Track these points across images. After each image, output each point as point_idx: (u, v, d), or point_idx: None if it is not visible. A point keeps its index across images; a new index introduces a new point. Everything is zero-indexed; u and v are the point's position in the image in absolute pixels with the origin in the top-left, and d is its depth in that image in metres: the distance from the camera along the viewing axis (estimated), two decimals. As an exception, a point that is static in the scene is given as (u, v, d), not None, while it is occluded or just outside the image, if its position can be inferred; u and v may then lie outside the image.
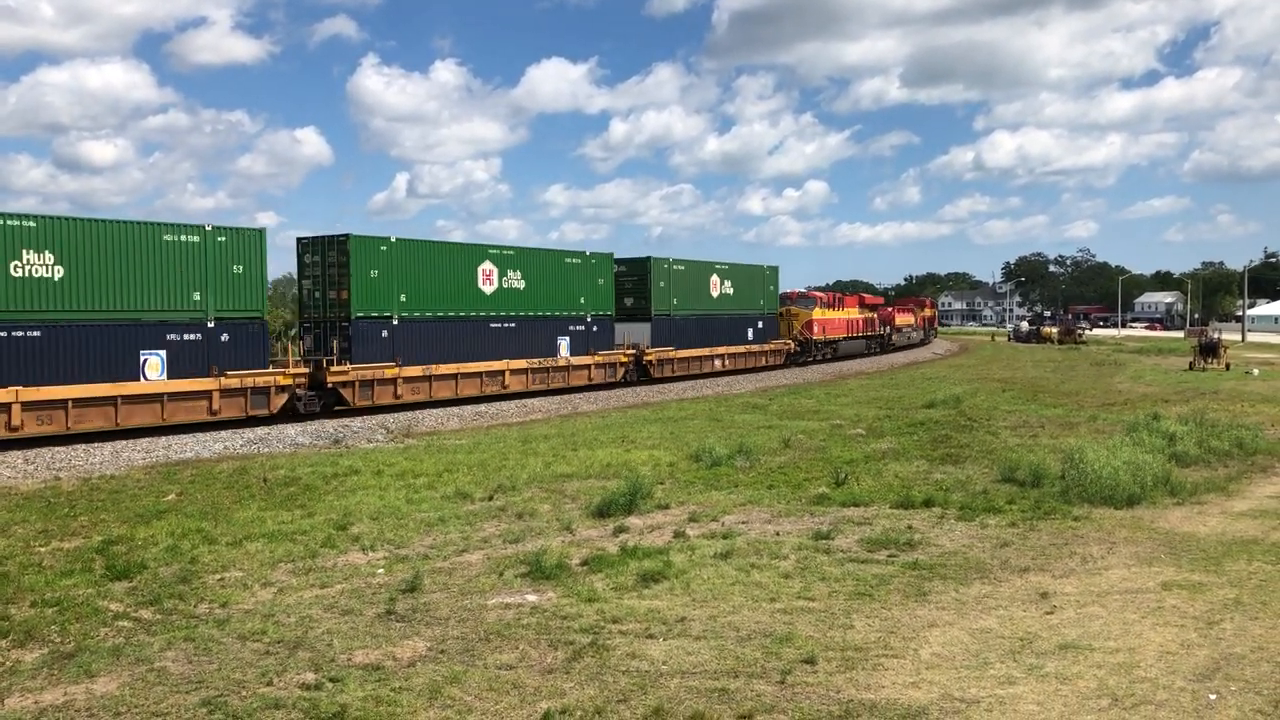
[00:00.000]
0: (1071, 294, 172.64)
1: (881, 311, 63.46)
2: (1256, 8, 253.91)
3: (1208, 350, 44.34)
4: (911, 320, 70.81)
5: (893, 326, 64.02)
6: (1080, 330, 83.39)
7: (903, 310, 71.00)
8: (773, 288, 47.55)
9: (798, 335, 48.81)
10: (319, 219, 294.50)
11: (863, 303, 60.70)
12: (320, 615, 9.07)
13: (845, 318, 54.57)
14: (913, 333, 70.44)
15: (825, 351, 51.31)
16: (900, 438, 20.91)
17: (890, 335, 62.84)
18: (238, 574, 10.51)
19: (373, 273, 27.12)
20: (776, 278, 47.93)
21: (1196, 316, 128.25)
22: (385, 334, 27.43)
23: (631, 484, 14.01)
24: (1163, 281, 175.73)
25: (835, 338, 52.54)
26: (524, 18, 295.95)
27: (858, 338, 55.72)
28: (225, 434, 22.29)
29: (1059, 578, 10.19)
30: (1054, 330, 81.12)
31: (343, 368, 26.17)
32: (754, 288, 45.48)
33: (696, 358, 40.32)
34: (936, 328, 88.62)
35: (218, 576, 10.44)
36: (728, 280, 43.24)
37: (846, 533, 12.16)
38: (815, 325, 49.98)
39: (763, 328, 45.91)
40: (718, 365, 41.78)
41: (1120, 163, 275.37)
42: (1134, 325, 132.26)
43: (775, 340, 46.79)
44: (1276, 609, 9.06)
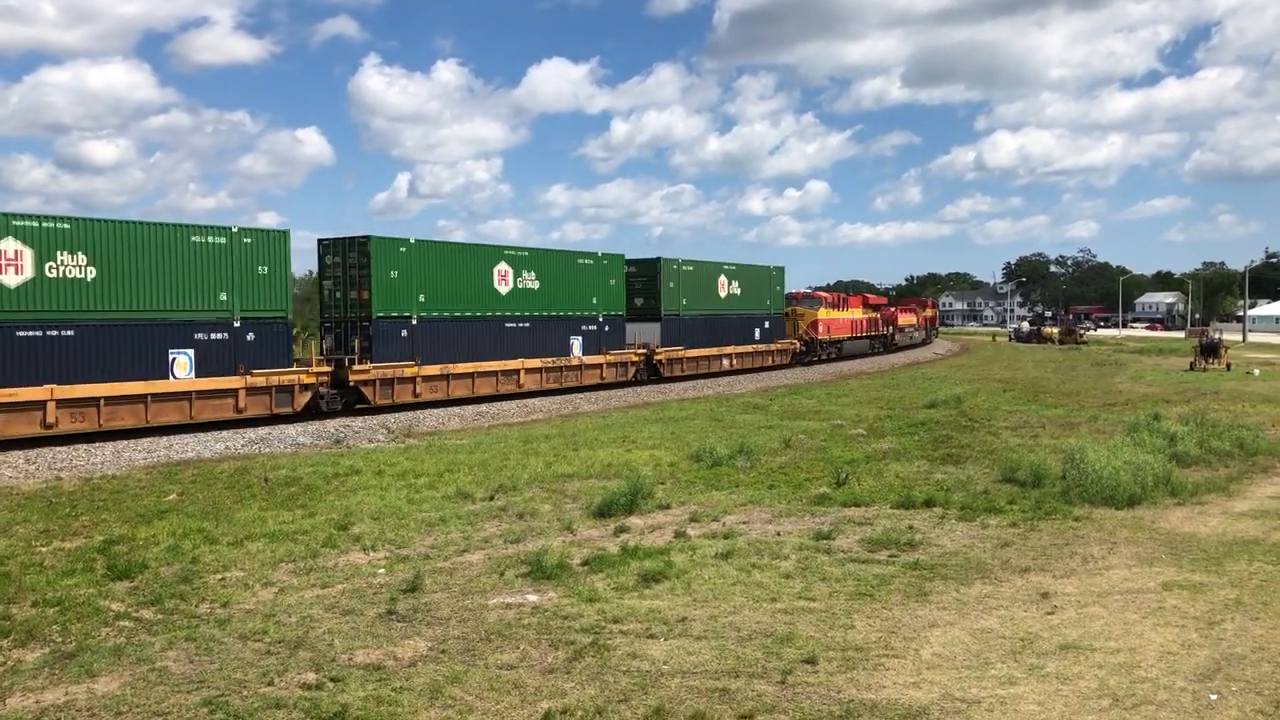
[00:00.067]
0: (1072, 294, 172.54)
1: (885, 312, 63.77)
2: (1258, 8, 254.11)
3: (1208, 350, 44.30)
4: (914, 320, 71.06)
5: (895, 326, 64.22)
6: (1082, 331, 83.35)
7: (905, 310, 71.23)
8: (779, 288, 47.82)
9: (803, 335, 48.99)
10: (320, 219, 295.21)
11: (866, 303, 61.02)
12: (321, 615, 9.08)
13: (849, 318, 54.81)
14: (915, 333, 70.67)
15: (830, 351, 51.51)
16: (901, 438, 20.92)
17: (893, 335, 63.05)
18: (239, 574, 10.52)
19: (392, 273, 27.51)
20: (783, 278, 48.23)
21: (1197, 317, 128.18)
22: (405, 333, 27.84)
23: (632, 484, 14.02)
24: (1164, 282, 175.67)
25: (840, 337, 52.77)
26: (525, 18, 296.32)
27: (861, 338, 55.97)
28: (226, 434, 22.32)
29: (1060, 578, 10.19)
30: (1055, 330, 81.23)
31: (364, 367, 26.61)
32: (760, 288, 45.71)
33: (705, 357, 40.58)
34: (938, 328, 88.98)
35: (219, 576, 10.45)
36: (735, 281, 43.47)
37: (847, 533, 12.16)
38: (820, 325, 50.22)
39: (769, 328, 46.11)
40: (725, 365, 42.00)
41: (1121, 163, 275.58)
42: (1135, 325, 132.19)
43: (781, 340, 47.02)
44: (1277, 609, 9.06)
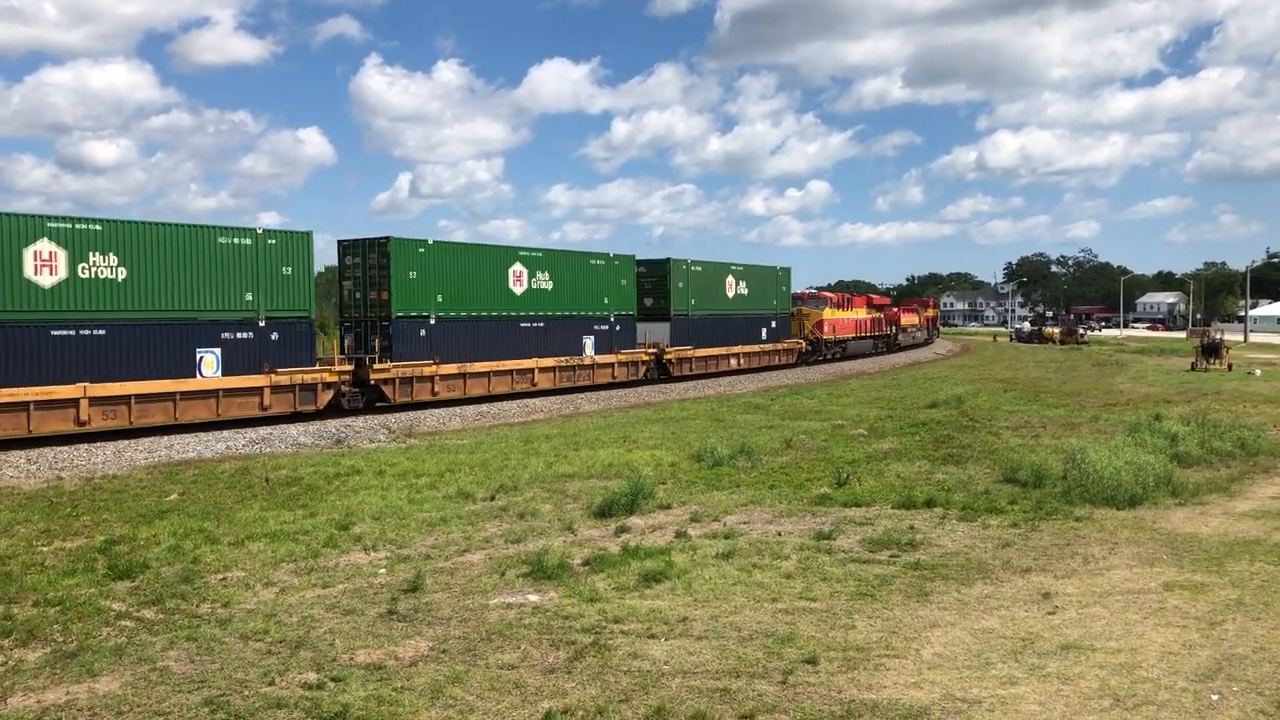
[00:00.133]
0: (1073, 294, 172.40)
1: (888, 312, 64.44)
2: (1259, 8, 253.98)
3: (1210, 351, 44.30)
4: (916, 320, 71.64)
5: (899, 327, 64.85)
6: (1084, 332, 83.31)
7: (907, 310, 71.81)
8: (785, 288, 48.33)
9: (809, 335, 49.51)
10: (321, 219, 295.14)
11: (870, 303, 61.70)
12: (322, 615, 9.08)
13: (854, 318, 55.39)
14: (917, 333, 71.26)
15: (835, 351, 52.08)
16: (902, 438, 20.91)
17: (896, 335, 63.72)
18: (240, 574, 10.53)
19: (411, 274, 28.01)
20: (789, 279, 48.74)
21: (1199, 317, 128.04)
22: (423, 333, 28.34)
23: (633, 484, 14.03)
24: (1165, 282, 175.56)
25: (845, 337, 53.33)
26: (526, 18, 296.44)
27: (865, 337, 56.56)
28: (227, 434, 22.34)
29: (1061, 578, 10.19)
30: (1056, 331, 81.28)
31: (384, 365, 27.11)
32: (767, 288, 46.20)
33: (714, 356, 41.07)
34: (939, 328, 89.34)
35: (220, 576, 10.46)
36: (743, 281, 43.95)
37: (848, 533, 12.16)
38: (826, 325, 50.77)
39: (776, 327, 46.62)
40: (733, 364, 42.47)
41: (1123, 163, 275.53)
42: (1136, 325, 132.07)
43: (788, 340, 47.52)
44: (1278, 609, 9.05)
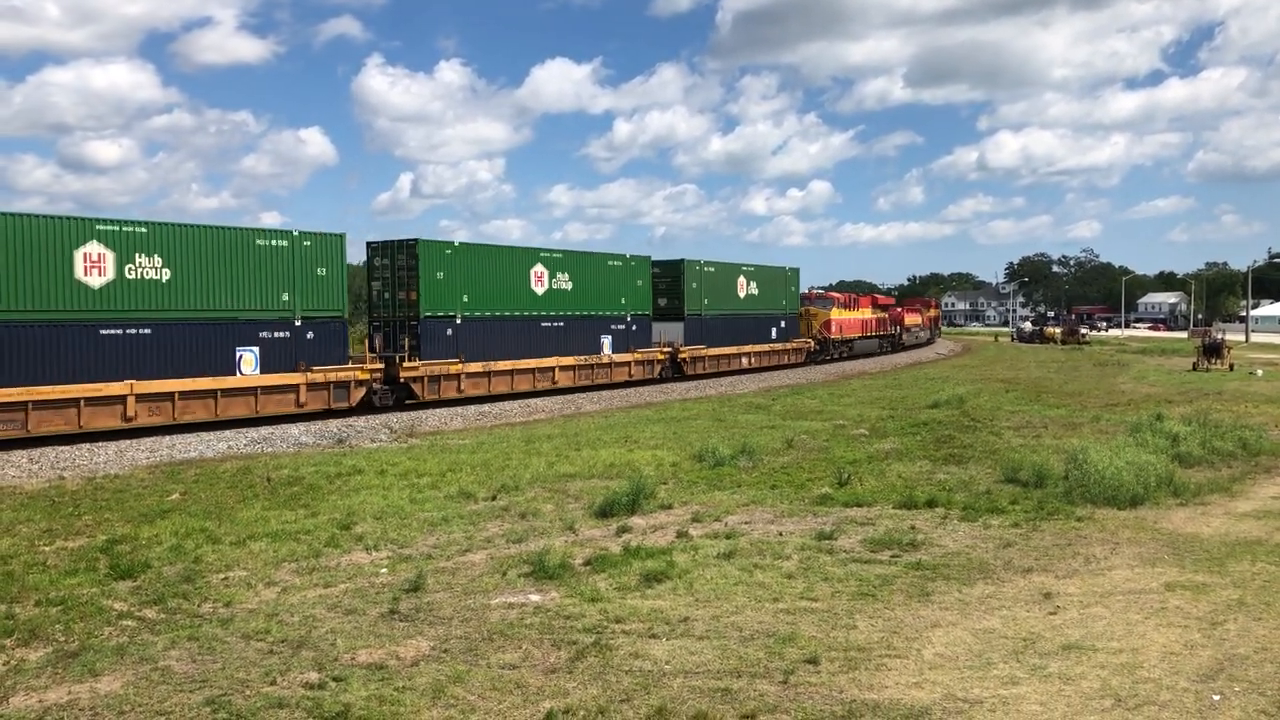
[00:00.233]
0: (1075, 294, 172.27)
1: (892, 312, 65.62)
2: (1261, 8, 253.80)
3: (1211, 351, 44.26)
4: (919, 320, 72.87)
5: (902, 326, 65.95)
6: (1085, 332, 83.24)
7: (911, 310, 73.04)
8: (794, 289, 49.31)
9: (817, 334, 50.42)
10: (323, 219, 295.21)
11: (875, 303, 62.97)
12: (324, 615, 9.08)
13: (860, 318, 56.42)
14: (920, 332, 72.37)
15: (842, 350, 53.01)
16: (903, 438, 20.91)
17: (900, 335, 64.81)
18: (241, 573, 10.53)
19: (438, 274, 28.70)
20: (798, 279, 49.77)
21: (1200, 317, 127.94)
22: (450, 332, 29.02)
23: (634, 484, 14.03)
24: (1166, 282, 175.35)
25: (851, 337, 54.32)
26: (528, 18, 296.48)
27: (871, 337, 57.53)
28: (229, 433, 22.36)
29: (1062, 578, 10.18)
30: (1057, 331, 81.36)
31: (413, 364, 27.70)
32: (777, 289, 47.05)
33: (726, 355, 41.91)
34: (941, 327, 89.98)
35: (221, 576, 10.46)
36: (753, 281, 44.73)
37: (849, 533, 12.16)
38: (833, 325, 51.69)
39: (785, 327, 47.45)
40: (745, 363, 43.30)
41: (1124, 163, 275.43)
42: (1137, 326, 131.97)
43: (796, 339, 48.39)
44: (1280, 610, 9.05)
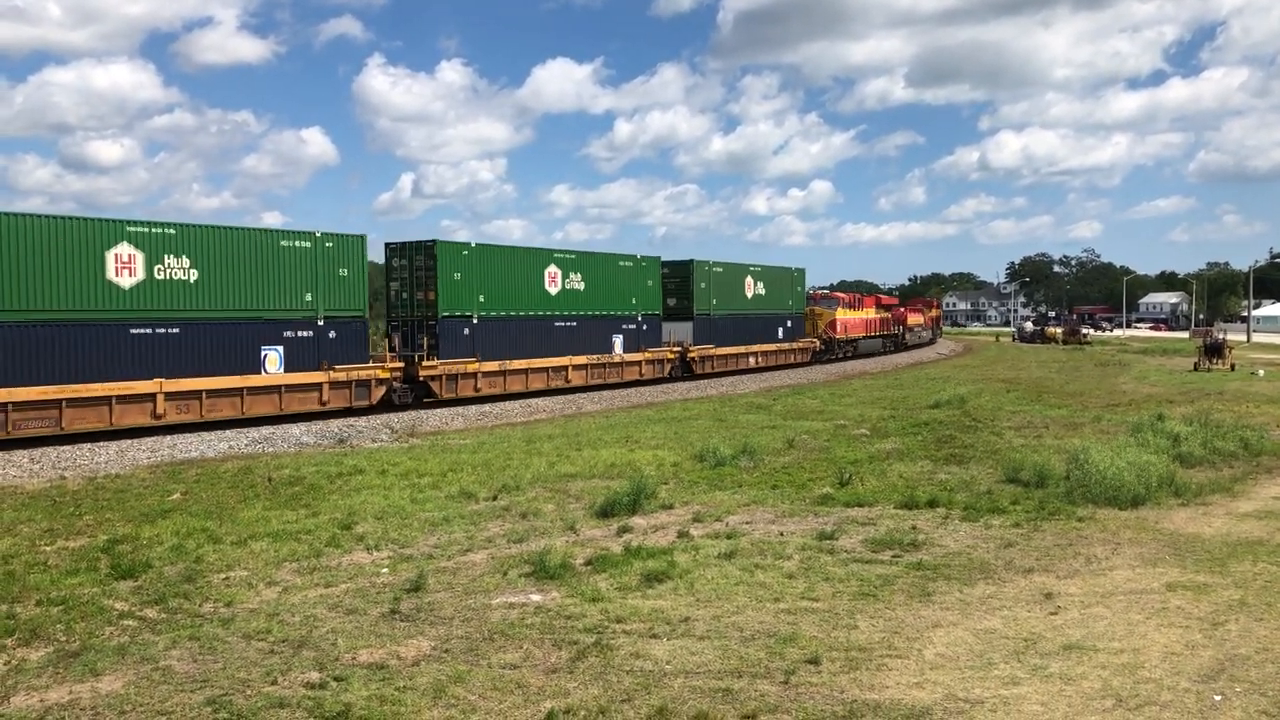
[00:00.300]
0: (1076, 294, 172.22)
1: (895, 312, 66.44)
2: (1263, 8, 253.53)
3: (1213, 351, 44.24)
4: (921, 320, 73.64)
5: (905, 326, 66.69)
6: (1086, 332, 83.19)
7: (913, 310, 73.90)
8: (800, 289, 49.90)
9: (822, 334, 51.04)
10: (324, 219, 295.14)
11: (879, 303, 64.02)
12: (325, 614, 9.08)
13: (864, 318, 57.18)
14: (923, 332, 73.13)
15: (847, 350, 53.65)
16: (904, 438, 20.89)
17: (904, 335, 65.59)
18: (242, 573, 10.53)
19: (456, 275, 29.15)
20: (804, 279, 50.36)
21: (1201, 317, 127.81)
22: (467, 331, 29.48)
23: (635, 484, 14.02)
24: (1168, 282, 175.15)
25: (856, 337, 55.03)
26: (529, 18, 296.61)
27: (875, 337, 58.29)
28: (230, 433, 22.37)
29: (1063, 578, 10.18)
30: (1058, 331, 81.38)
31: (432, 363, 28.18)
32: (783, 289, 47.54)
33: (734, 355, 42.47)
34: (942, 327, 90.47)
35: (222, 576, 10.46)
36: (760, 282, 45.19)
37: (850, 533, 12.15)
38: (838, 325, 52.37)
39: (791, 327, 48.02)
40: (752, 362, 43.88)
41: (1126, 163, 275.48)
42: (1139, 326, 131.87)
43: (802, 339, 48.96)
44: (1281, 610, 9.04)
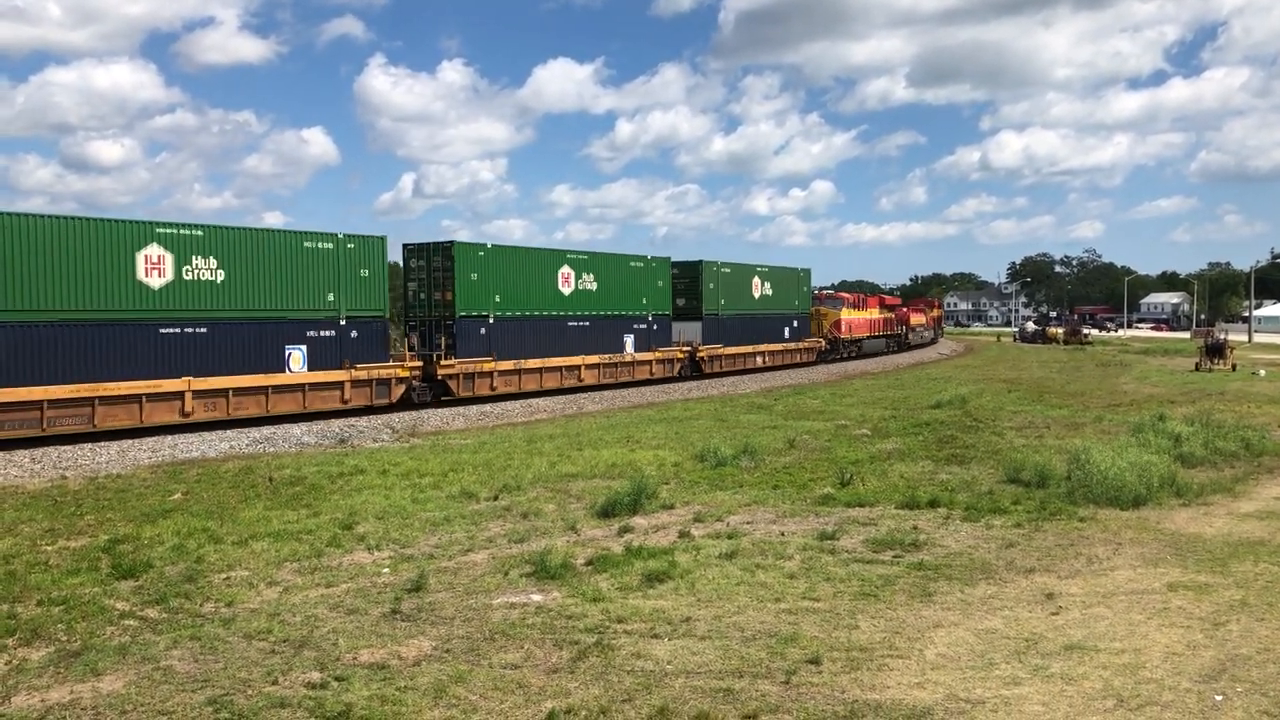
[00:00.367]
0: (1077, 294, 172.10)
1: (899, 312, 67.00)
2: (1264, 8, 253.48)
3: (1214, 351, 44.21)
4: (923, 320, 74.21)
5: (908, 326, 67.20)
6: (1088, 333, 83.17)
7: (915, 310, 74.35)
8: (806, 289, 50.42)
9: (827, 334, 51.50)
10: (325, 219, 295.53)
11: (883, 304, 64.74)
12: (325, 614, 9.08)
13: (869, 318, 57.76)
14: (925, 332, 73.74)
15: (851, 350, 54.21)
16: (905, 438, 20.89)
17: (907, 334, 66.15)
18: (243, 573, 10.53)
19: (473, 276, 29.68)
20: (810, 280, 50.81)
21: (1203, 317, 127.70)
22: (483, 331, 30.01)
23: (636, 484, 14.02)
24: (1169, 282, 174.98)
25: (860, 336, 55.56)
26: (530, 18, 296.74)
27: (879, 337, 58.86)
28: (231, 433, 22.38)
29: (1064, 578, 10.17)
30: (1059, 331, 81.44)
31: (450, 362, 28.66)
32: (789, 289, 48.03)
33: (742, 354, 43.00)
34: (943, 327, 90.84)
35: (223, 575, 10.46)
36: (767, 282, 45.71)
37: (851, 533, 12.15)
38: (843, 324, 52.90)
39: (797, 326, 48.55)
40: (760, 362, 44.40)
41: (1127, 163, 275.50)
42: (1140, 326, 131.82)
43: (808, 339, 49.45)
44: (1283, 610, 9.03)
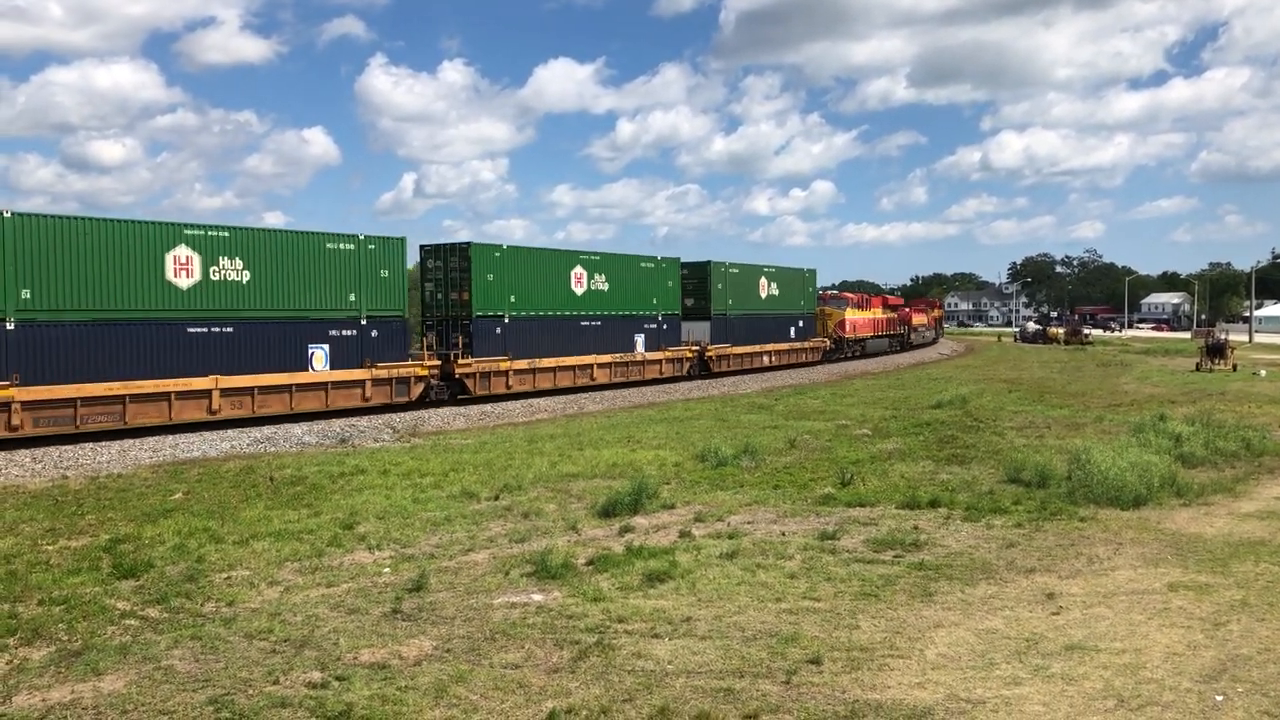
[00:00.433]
0: (1078, 295, 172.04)
1: (901, 312, 67.70)
2: (1265, 8, 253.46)
3: (1214, 351, 44.19)
4: (925, 320, 74.76)
5: (910, 326, 67.73)
6: (1088, 333, 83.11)
7: (917, 311, 74.85)
8: (811, 289, 50.81)
9: (832, 334, 51.98)
10: (326, 219, 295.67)
11: (886, 304, 65.38)
12: (326, 614, 9.09)
13: (872, 318, 58.37)
14: (926, 332, 74.28)
15: (855, 349, 54.76)
16: (906, 438, 20.89)
17: (909, 334, 66.71)
18: (244, 573, 10.54)
19: (489, 276, 30.19)
20: (815, 280, 51.24)
21: (1203, 318, 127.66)
22: (499, 331, 30.50)
23: (637, 484, 14.02)
24: (1169, 282, 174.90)
25: (864, 336, 56.15)
26: (531, 18, 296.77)
27: (882, 336, 59.47)
28: (232, 433, 22.39)
29: (1065, 578, 10.17)
30: (1060, 331, 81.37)
31: (467, 361, 29.15)
32: (795, 289, 48.41)
33: (749, 354, 43.47)
34: (944, 327, 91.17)
35: (224, 575, 10.47)
36: (774, 282, 46.12)
37: (852, 533, 12.15)
38: (847, 324, 53.47)
39: (803, 326, 48.94)
40: (766, 361, 44.86)
41: (1128, 163, 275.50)
42: (1141, 326, 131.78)
43: (813, 339, 49.87)
44: (1283, 610, 9.02)
